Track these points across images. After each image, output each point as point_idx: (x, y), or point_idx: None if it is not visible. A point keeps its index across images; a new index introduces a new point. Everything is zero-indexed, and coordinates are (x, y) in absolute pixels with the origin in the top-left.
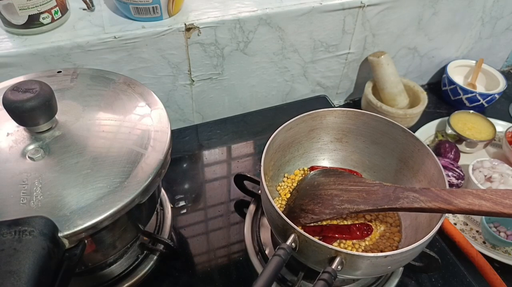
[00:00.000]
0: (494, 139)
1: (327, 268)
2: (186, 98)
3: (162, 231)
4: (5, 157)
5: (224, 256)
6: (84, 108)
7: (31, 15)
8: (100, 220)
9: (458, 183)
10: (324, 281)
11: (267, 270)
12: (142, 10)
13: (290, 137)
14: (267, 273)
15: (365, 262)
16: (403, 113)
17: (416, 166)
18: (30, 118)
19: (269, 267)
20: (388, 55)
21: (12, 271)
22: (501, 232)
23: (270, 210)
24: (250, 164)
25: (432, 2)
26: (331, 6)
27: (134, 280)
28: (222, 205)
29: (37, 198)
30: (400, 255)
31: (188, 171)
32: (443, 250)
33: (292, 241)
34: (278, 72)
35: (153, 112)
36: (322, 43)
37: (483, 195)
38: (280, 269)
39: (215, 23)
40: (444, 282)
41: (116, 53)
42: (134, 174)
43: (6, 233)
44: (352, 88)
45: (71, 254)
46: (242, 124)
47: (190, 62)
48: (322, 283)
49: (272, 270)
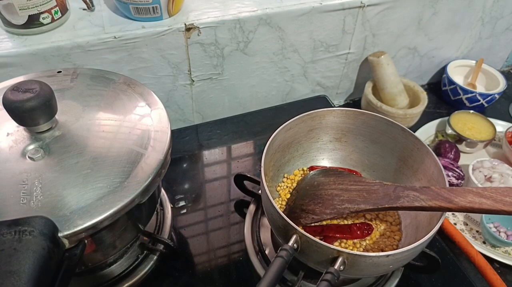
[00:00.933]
0: (494, 139)
1: (330, 268)
2: (186, 98)
3: (162, 231)
4: (5, 157)
5: (224, 256)
6: (84, 108)
7: (31, 15)
8: (100, 220)
9: (458, 183)
10: (327, 282)
11: (270, 272)
12: (142, 10)
13: (290, 138)
14: (270, 275)
15: (367, 262)
16: (403, 113)
17: (416, 164)
18: (30, 118)
19: (272, 269)
20: (388, 55)
21: (12, 271)
22: (501, 232)
23: (271, 211)
24: (250, 164)
25: (432, 2)
26: (331, 6)
27: (134, 280)
28: (222, 205)
29: (37, 198)
30: (401, 254)
31: (188, 171)
32: (443, 250)
33: (294, 242)
34: (278, 72)
35: (153, 112)
36: (322, 43)
37: (483, 193)
38: (283, 270)
39: (215, 23)
40: (444, 282)
41: (116, 53)
42: (134, 174)
43: (6, 233)
44: (352, 88)
45: (71, 254)
46: (242, 124)
47: (190, 62)
48: (325, 284)
49: (275, 272)
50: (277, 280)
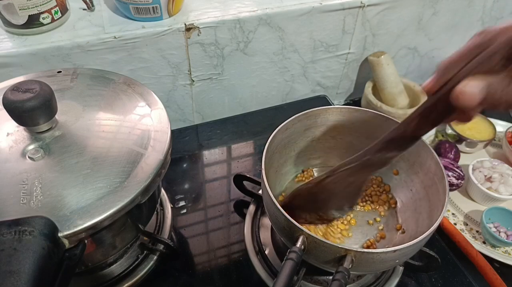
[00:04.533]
0: (494, 139)
1: (340, 267)
2: (186, 98)
3: (162, 231)
4: (5, 157)
5: (224, 256)
6: (84, 108)
7: (31, 15)
8: (100, 220)
9: (458, 183)
10: (338, 281)
11: (283, 275)
12: (142, 10)
13: (287, 138)
14: (283, 278)
15: (374, 258)
16: (403, 113)
17: (412, 158)
18: (30, 118)
19: (284, 272)
20: (388, 55)
21: (12, 271)
22: (501, 232)
23: (276, 213)
24: (250, 164)
25: (432, 2)
26: (331, 6)
27: (134, 280)
28: (222, 205)
29: (37, 198)
30: (408, 248)
31: (188, 171)
32: (443, 250)
33: (301, 243)
34: (278, 72)
35: (153, 112)
36: (322, 43)
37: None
38: (294, 272)
39: (215, 23)
40: (444, 282)
41: (116, 53)
42: (134, 174)
43: (6, 233)
44: (352, 88)
45: (71, 254)
46: (242, 124)
47: (190, 62)
48: (337, 284)
49: (287, 275)
50: (289, 284)
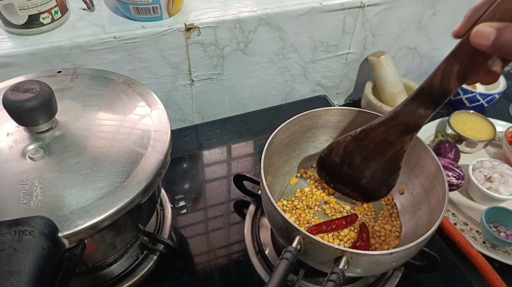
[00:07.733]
0: (494, 139)
1: (335, 268)
2: (186, 98)
3: (162, 231)
4: (5, 157)
5: (224, 256)
6: (84, 108)
7: (31, 15)
8: (100, 220)
9: (458, 183)
10: (333, 282)
11: (276, 275)
12: (142, 10)
13: (287, 138)
14: (276, 278)
15: (370, 260)
16: None
17: (413, 161)
18: (30, 118)
19: (278, 272)
20: (388, 55)
21: (12, 271)
22: (501, 232)
23: (274, 213)
24: (250, 164)
25: (432, 2)
26: (331, 6)
27: (134, 280)
28: (222, 205)
29: (37, 198)
30: (404, 251)
31: (188, 171)
32: (443, 250)
33: (297, 243)
34: (278, 72)
35: (153, 112)
36: (322, 43)
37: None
38: (289, 272)
39: (215, 23)
40: (444, 282)
41: (116, 53)
42: (134, 174)
43: (6, 233)
44: (352, 88)
45: (71, 254)
46: (242, 124)
47: (190, 62)
48: (331, 284)
49: (281, 274)
50: (283, 283)
